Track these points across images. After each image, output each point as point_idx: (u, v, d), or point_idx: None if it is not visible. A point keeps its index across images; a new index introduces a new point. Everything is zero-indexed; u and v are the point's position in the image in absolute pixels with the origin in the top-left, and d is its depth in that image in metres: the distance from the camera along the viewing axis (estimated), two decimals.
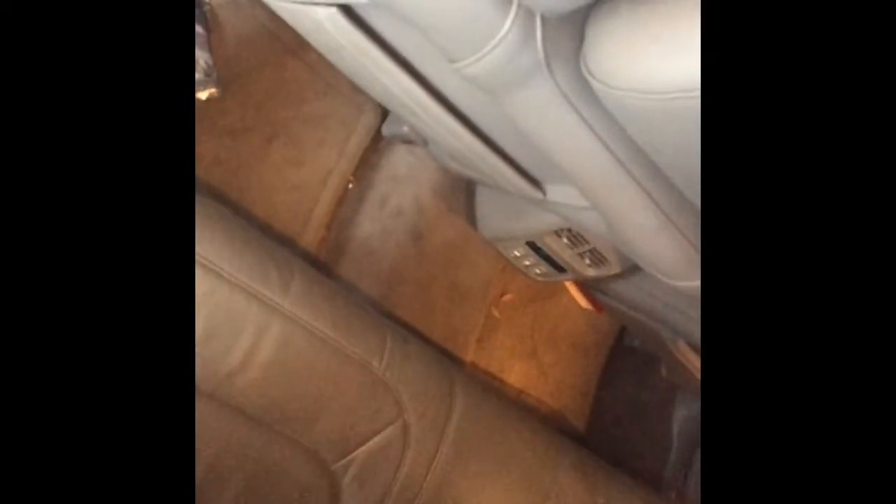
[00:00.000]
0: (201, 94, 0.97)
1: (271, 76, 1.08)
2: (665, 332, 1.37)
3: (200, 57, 0.96)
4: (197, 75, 0.95)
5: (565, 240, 1.04)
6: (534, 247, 1.10)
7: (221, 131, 1.04)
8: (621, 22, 0.55)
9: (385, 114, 1.18)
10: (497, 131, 0.74)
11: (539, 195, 0.85)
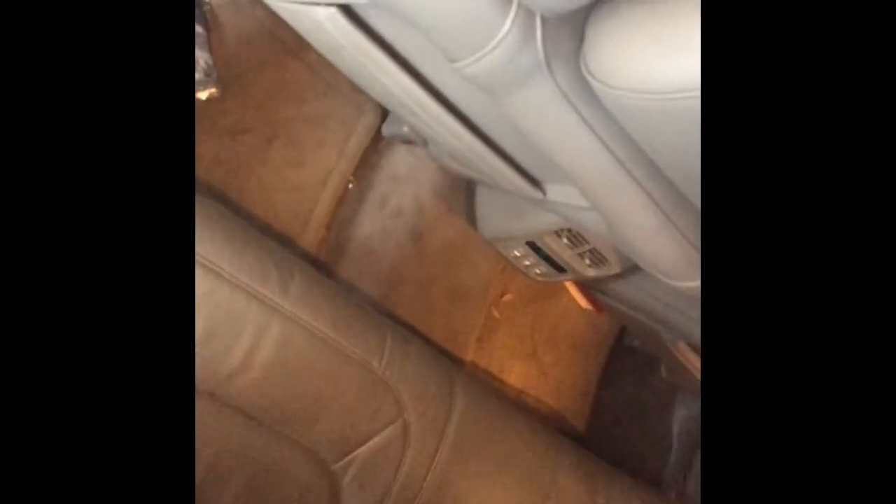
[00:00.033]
0: (201, 94, 0.97)
1: (271, 76, 1.08)
2: (665, 333, 1.37)
3: (200, 57, 0.96)
4: (197, 75, 0.95)
5: (565, 240, 1.04)
6: (534, 247, 1.10)
7: (221, 131, 1.04)
8: (621, 22, 0.55)
9: (385, 114, 1.18)
10: (497, 131, 0.74)
11: (539, 195, 0.85)
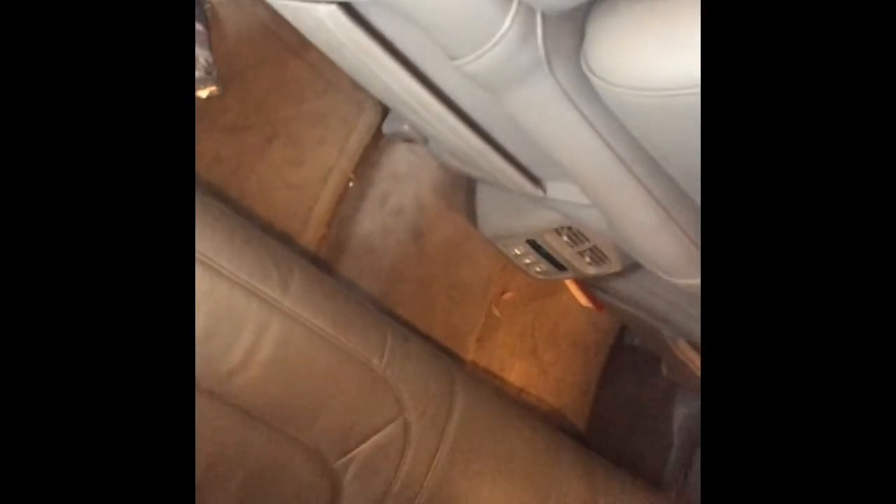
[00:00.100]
0: (201, 92, 0.97)
1: (272, 74, 1.08)
2: (665, 331, 1.37)
3: (201, 55, 0.96)
4: (197, 73, 0.95)
5: (566, 238, 1.04)
6: (534, 245, 1.10)
7: (221, 129, 1.04)
8: (621, 19, 0.55)
9: (386, 112, 1.17)
10: (497, 129, 0.74)
11: (539, 193, 0.85)
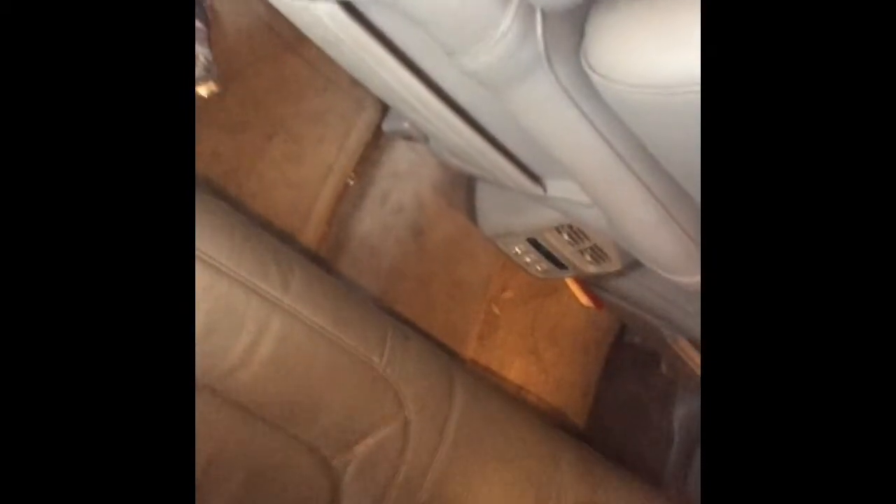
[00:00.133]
0: (201, 90, 0.97)
1: (271, 72, 1.08)
2: (665, 329, 1.37)
3: (200, 52, 0.96)
4: (197, 71, 0.95)
5: (566, 236, 1.04)
6: (534, 243, 1.10)
7: (221, 127, 1.04)
8: (621, 16, 0.54)
9: (385, 110, 1.17)
10: (497, 127, 0.74)
11: (539, 191, 0.85)
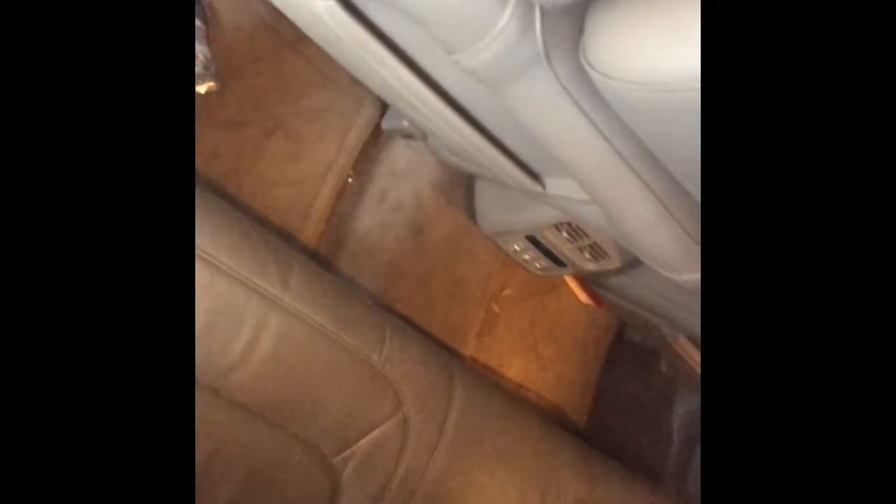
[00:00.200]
0: (200, 88, 0.97)
1: (270, 70, 1.08)
2: (665, 327, 1.37)
3: (199, 51, 0.96)
4: (196, 69, 0.95)
5: (565, 234, 1.04)
6: (533, 241, 1.10)
7: (220, 125, 1.04)
8: (621, 13, 0.54)
9: (384, 108, 1.17)
10: (496, 124, 0.74)
11: (538, 188, 0.85)
